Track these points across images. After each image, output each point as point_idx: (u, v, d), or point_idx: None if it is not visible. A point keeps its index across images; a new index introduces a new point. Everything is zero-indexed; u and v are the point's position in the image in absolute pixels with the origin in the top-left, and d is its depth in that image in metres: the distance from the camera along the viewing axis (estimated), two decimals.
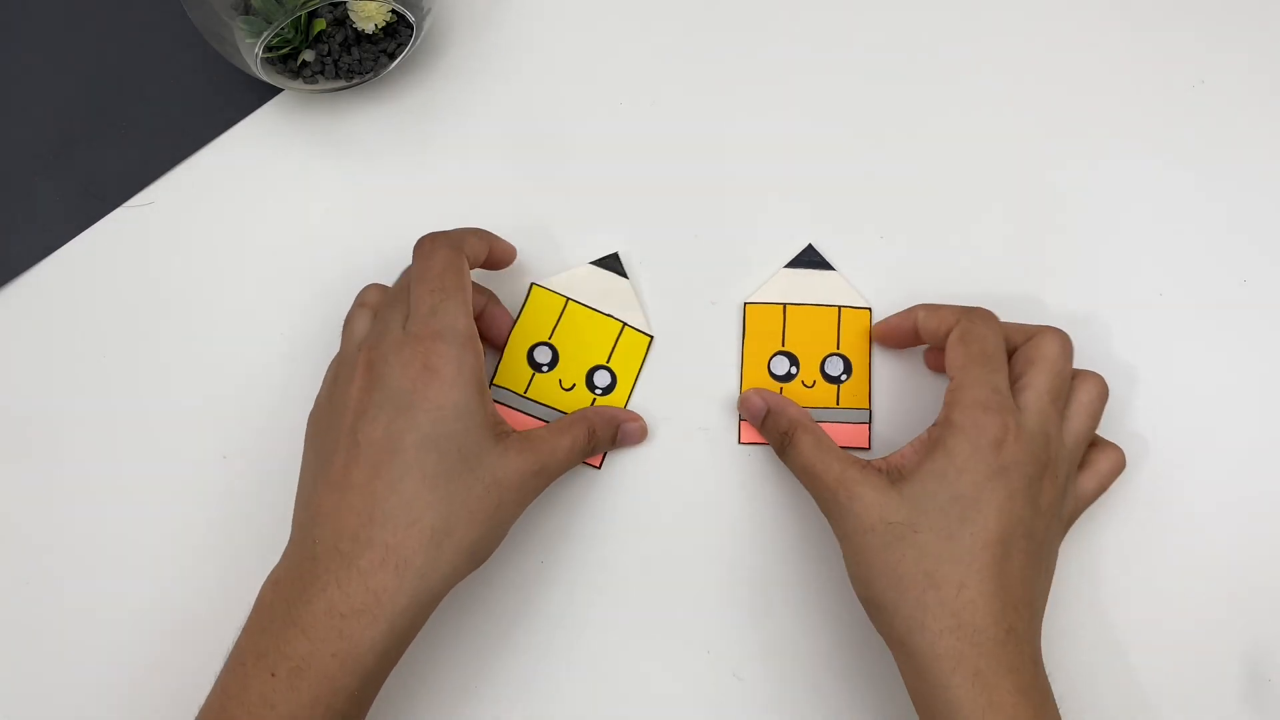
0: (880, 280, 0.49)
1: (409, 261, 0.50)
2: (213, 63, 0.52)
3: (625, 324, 0.46)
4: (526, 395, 0.46)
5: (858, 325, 0.47)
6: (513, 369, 0.46)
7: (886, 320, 0.46)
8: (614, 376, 0.46)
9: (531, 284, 0.46)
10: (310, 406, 0.48)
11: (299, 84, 0.51)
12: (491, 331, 0.47)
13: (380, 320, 0.41)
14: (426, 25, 0.51)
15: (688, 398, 0.48)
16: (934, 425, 0.39)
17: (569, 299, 0.47)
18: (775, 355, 0.47)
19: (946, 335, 0.42)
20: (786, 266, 0.48)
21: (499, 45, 0.55)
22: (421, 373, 0.37)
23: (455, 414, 0.37)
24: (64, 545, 0.46)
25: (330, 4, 0.49)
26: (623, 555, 0.46)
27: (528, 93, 0.54)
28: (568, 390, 0.46)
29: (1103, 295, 0.49)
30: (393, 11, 0.49)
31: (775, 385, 0.47)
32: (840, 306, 0.47)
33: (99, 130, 0.53)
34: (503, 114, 0.53)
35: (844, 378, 0.46)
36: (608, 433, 0.44)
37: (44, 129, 0.53)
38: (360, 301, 0.45)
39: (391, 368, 0.37)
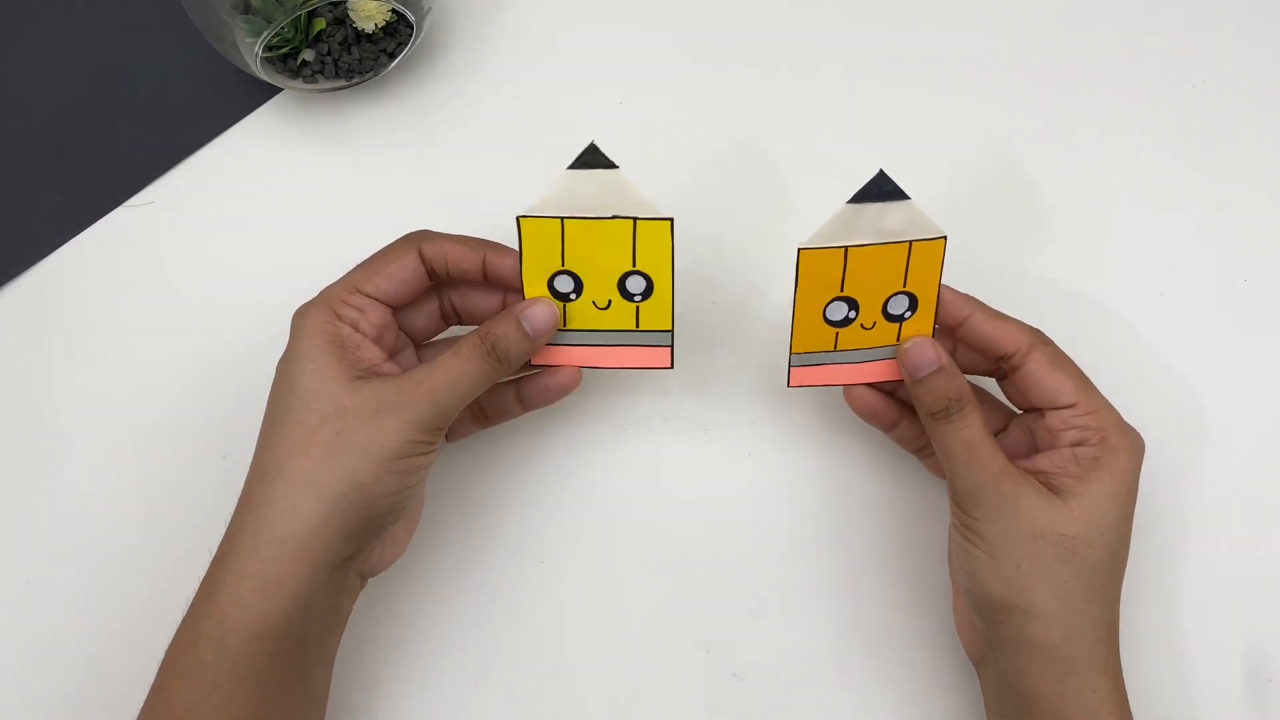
0: None
1: None
2: (213, 63, 0.52)
3: (635, 218, 0.40)
4: (566, 329, 0.42)
5: (929, 258, 0.40)
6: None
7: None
8: (648, 279, 0.41)
9: (518, 218, 0.41)
10: None
11: (299, 84, 0.51)
12: (508, 281, 0.42)
13: None
14: (426, 25, 0.51)
15: (695, 395, 0.48)
16: (1077, 442, 0.39)
17: (563, 218, 0.41)
18: (833, 301, 0.41)
19: (1004, 350, 0.40)
20: (850, 202, 0.40)
21: (499, 45, 0.55)
22: (291, 334, 0.39)
23: (297, 362, 0.38)
24: (63, 545, 0.46)
25: (330, 3, 0.49)
26: (622, 555, 0.46)
27: (527, 92, 0.54)
28: (605, 309, 0.42)
29: (1103, 295, 0.49)
30: (393, 11, 0.49)
31: (830, 333, 0.41)
32: (912, 241, 0.40)
33: (99, 130, 0.53)
34: (502, 114, 0.53)
35: (907, 315, 0.41)
36: (507, 326, 0.39)
37: (44, 129, 0.53)
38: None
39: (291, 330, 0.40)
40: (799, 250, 0.40)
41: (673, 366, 0.43)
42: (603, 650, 0.45)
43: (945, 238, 0.40)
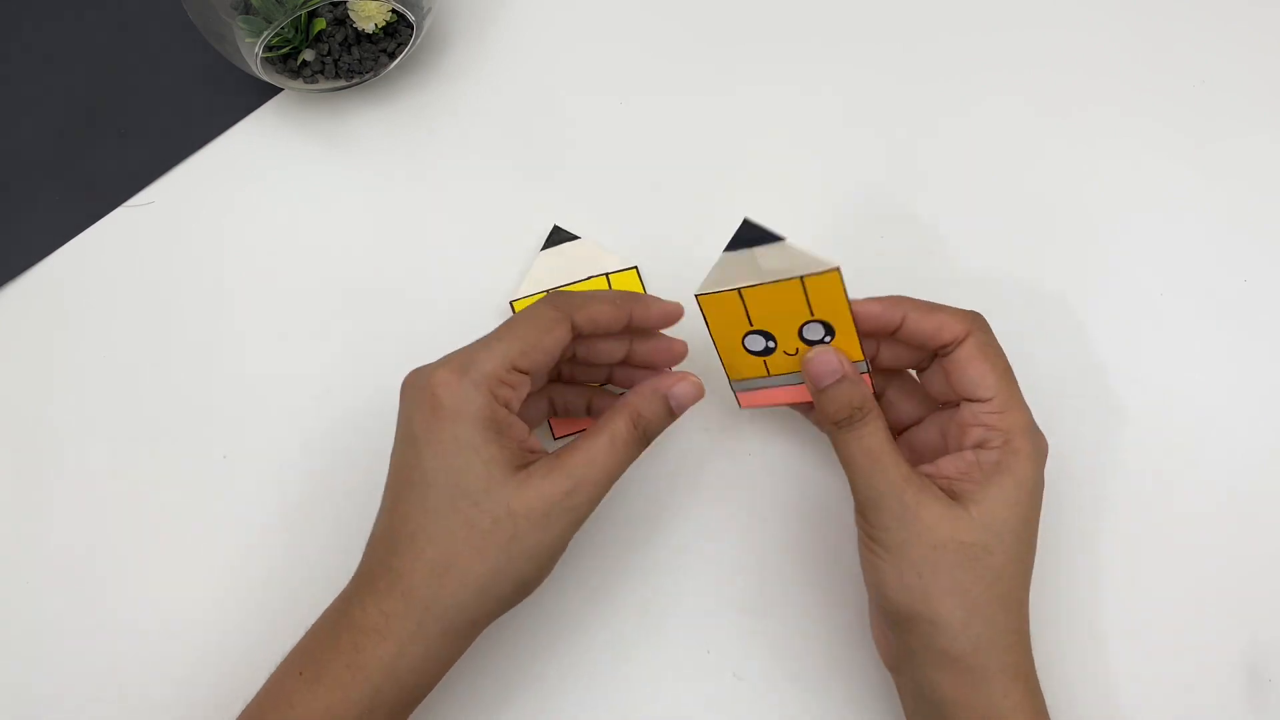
0: (877, 275, 0.49)
1: (408, 259, 0.50)
2: (213, 63, 0.52)
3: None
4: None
5: (828, 288, 0.40)
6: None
7: (863, 304, 0.40)
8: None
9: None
10: (307, 405, 0.48)
11: (299, 84, 0.51)
12: (653, 327, 0.42)
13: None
14: (426, 25, 0.51)
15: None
16: (980, 443, 0.38)
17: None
18: (748, 334, 0.42)
19: (942, 342, 0.39)
20: (726, 250, 0.41)
21: (499, 45, 0.55)
22: (431, 407, 0.36)
23: (456, 449, 0.36)
24: (62, 544, 0.46)
25: (330, 4, 0.49)
26: (622, 555, 0.46)
27: (527, 92, 0.54)
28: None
29: (1103, 294, 0.49)
30: (393, 11, 0.49)
31: (758, 361, 0.43)
32: (802, 277, 0.40)
33: (99, 130, 0.53)
34: (502, 113, 0.53)
35: (827, 339, 0.41)
36: (656, 408, 0.40)
37: (44, 129, 0.53)
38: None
39: (414, 399, 0.37)
40: (696, 296, 0.42)
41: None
42: (603, 650, 0.45)
43: (838, 269, 0.39)
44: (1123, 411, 0.47)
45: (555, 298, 0.39)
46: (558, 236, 0.49)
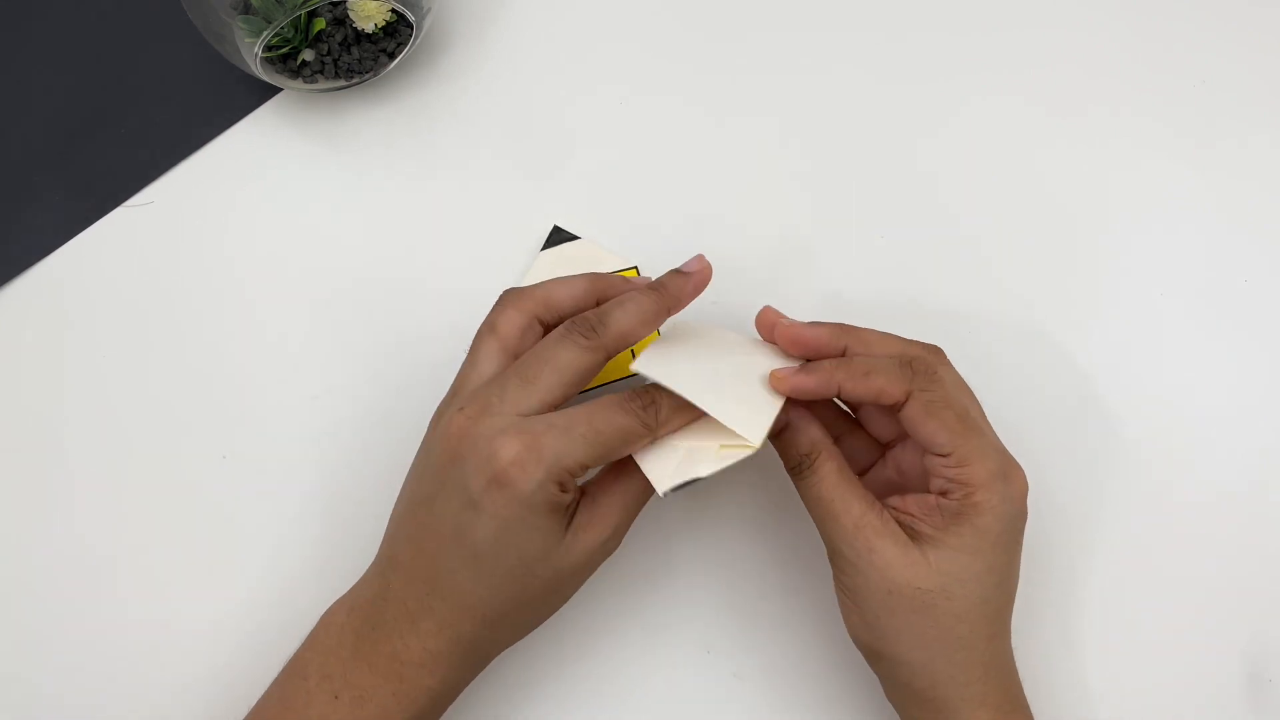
0: (877, 274, 0.49)
1: (409, 260, 0.50)
2: (213, 63, 0.52)
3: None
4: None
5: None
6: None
7: (792, 328, 0.40)
8: None
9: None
10: (307, 405, 0.48)
11: (299, 84, 0.51)
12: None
13: (497, 386, 0.37)
14: (426, 25, 0.51)
15: None
16: (942, 491, 0.37)
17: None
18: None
19: (885, 404, 0.38)
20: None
21: (499, 45, 0.55)
22: (498, 482, 0.35)
23: (521, 527, 0.35)
24: (60, 544, 0.46)
25: (330, 3, 0.49)
26: (622, 554, 0.46)
27: (527, 92, 0.54)
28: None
29: (1103, 294, 0.49)
30: (393, 11, 0.49)
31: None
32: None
33: (99, 130, 0.53)
34: (502, 113, 0.53)
35: None
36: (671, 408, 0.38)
37: (44, 129, 0.53)
38: (491, 326, 0.39)
39: (475, 458, 0.35)
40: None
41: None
42: (603, 650, 0.45)
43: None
44: (1122, 411, 0.47)
45: (646, 414, 0.37)
46: (558, 236, 0.49)
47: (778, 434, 0.40)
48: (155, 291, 0.50)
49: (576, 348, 0.37)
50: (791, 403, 0.39)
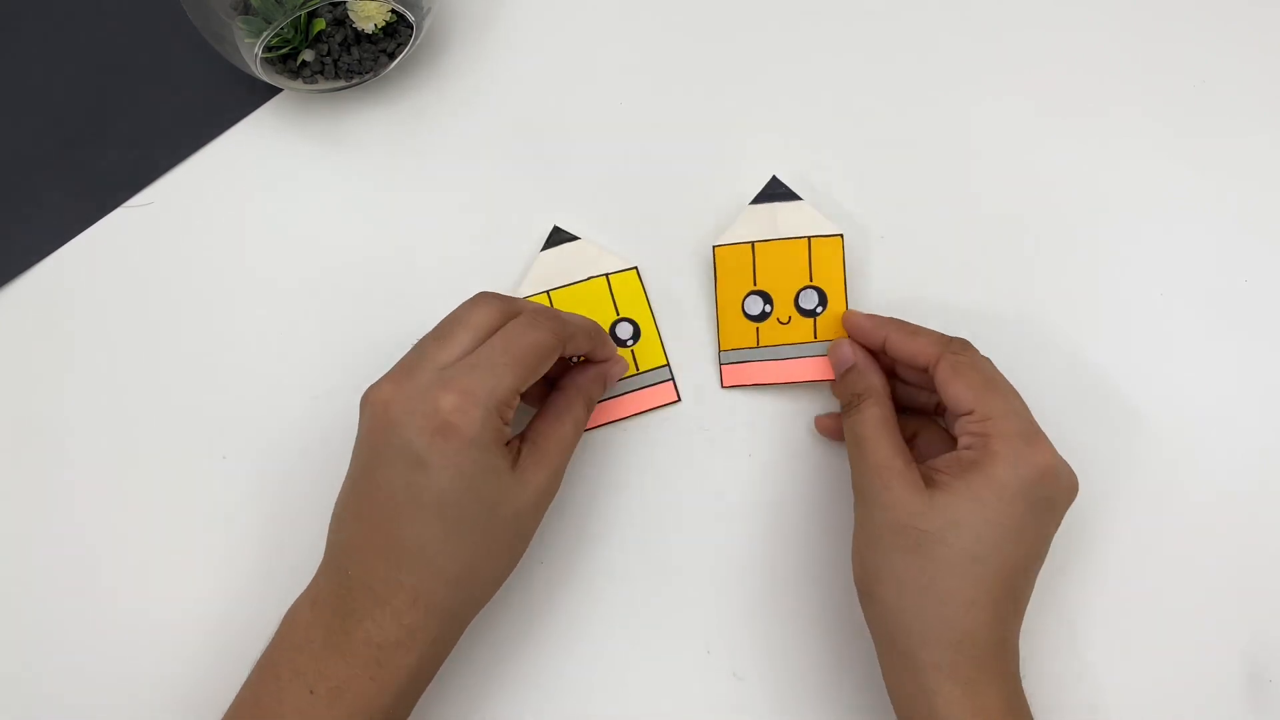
0: (877, 275, 0.49)
1: (408, 260, 0.50)
2: (213, 63, 0.52)
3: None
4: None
5: (830, 254, 0.46)
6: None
7: (853, 316, 0.45)
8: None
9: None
10: (308, 406, 0.48)
11: (299, 84, 0.51)
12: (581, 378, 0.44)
13: (414, 352, 0.39)
14: (426, 25, 0.51)
15: (696, 397, 0.48)
16: (965, 446, 0.39)
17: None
18: (749, 295, 0.47)
19: (922, 365, 0.42)
20: (752, 203, 0.48)
21: (499, 45, 0.55)
22: (441, 432, 0.36)
23: (475, 470, 0.36)
24: (61, 544, 0.46)
25: (330, 4, 0.49)
26: (622, 555, 0.46)
27: (527, 92, 0.54)
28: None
29: (1102, 294, 0.49)
30: (393, 11, 0.49)
31: (751, 328, 0.47)
32: (810, 237, 0.46)
33: (99, 130, 0.53)
34: (502, 114, 0.53)
35: (819, 310, 0.46)
36: (600, 389, 0.44)
37: (44, 129, 0.53)
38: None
39: (413, 417, 0.36)
40: (713, 248, 0.47)
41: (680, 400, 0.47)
42: (603, 649, 0.45)
43: (841, 236, 0.46)
44: (1122, 412, 0.47)
45: (554, 323, 0.40)
46: (558, 236, 0.49)
47: (842, 374, 0.44)
48: (155, 292, 0.50)
49: (489, 307, 0.39)
50: (860, 351, 0.44)
